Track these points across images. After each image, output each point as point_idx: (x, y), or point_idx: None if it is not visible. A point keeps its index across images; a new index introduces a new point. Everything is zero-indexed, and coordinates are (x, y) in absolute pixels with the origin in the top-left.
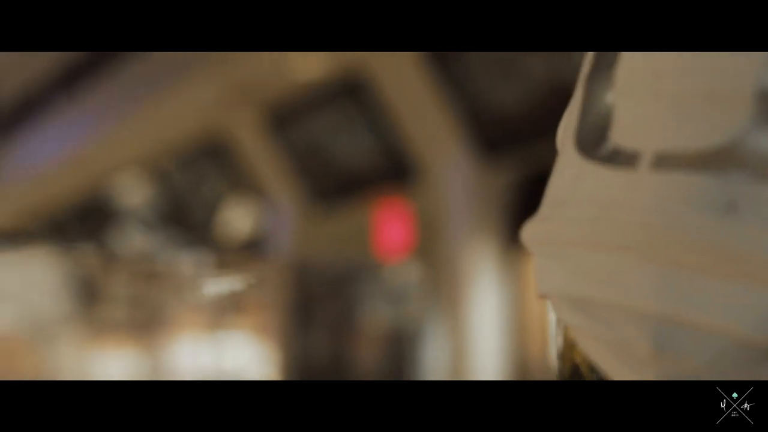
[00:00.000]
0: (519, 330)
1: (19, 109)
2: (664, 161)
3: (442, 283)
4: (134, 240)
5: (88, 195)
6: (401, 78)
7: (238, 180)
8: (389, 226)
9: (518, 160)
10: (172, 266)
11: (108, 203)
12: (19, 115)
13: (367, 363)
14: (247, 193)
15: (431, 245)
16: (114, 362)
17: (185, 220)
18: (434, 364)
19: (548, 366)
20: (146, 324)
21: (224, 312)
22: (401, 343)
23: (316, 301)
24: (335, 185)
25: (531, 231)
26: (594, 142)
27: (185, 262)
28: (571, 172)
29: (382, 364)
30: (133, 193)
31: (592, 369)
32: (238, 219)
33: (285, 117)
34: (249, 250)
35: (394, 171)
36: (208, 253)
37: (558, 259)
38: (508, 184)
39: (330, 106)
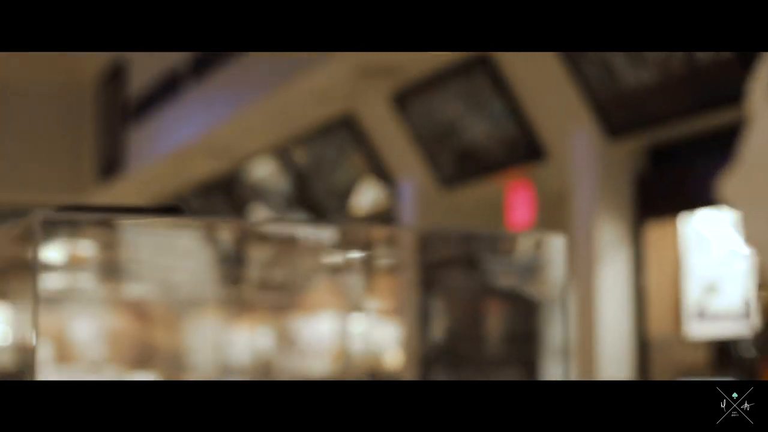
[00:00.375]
0: (644, 304)
1: (156, 93)
2: None
3: (569, 258)
4: (268, 218)
5: (222, 174)
6: (529, 56)
7: (368, 158)
8: (516, 203)
9: (644, 139)
10: (305, 244)
11: (241, 183)
12: (157, 100)
13: (494, 336)
14: (377, 171)
15: (558, 222)
16: (250, 337)
17: (316, 198)
18: (561, 337)
19: (676, 337)
20: (280, 300)
21: (355, 288)
22: (529, 316)
23: (445, 275)
24: (462, 163)
25: (733, 185)
26: None
27: (317, 239)
28: None
29: (510, 338)
30: (266, 172)
31: None
32: (367, 197)
33: (413, 96)
34: (378, 228)
35: (522, 149)
36: (338, 230)
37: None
38: (634, 163)
39: (458, 85)
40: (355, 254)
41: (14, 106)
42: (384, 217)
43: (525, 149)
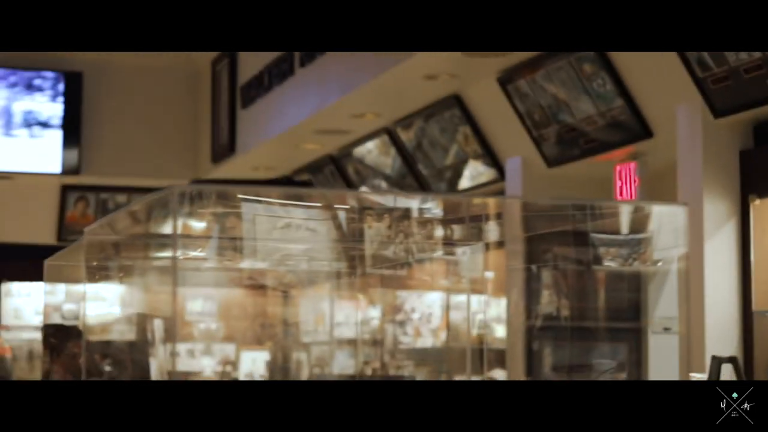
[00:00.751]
0: (750, 277)
1: (268, 76)
2: None
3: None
4: (376, 195)
5: (331, 156)
6: None
7: (475, 137)
8: (623, 181)
9: (748, 116)
10: (417, 219)
11: (350, 163)
12: (268, 83)
13: (601, 308)
14: (484, 151)
15: (664, 199)
16: (363, 311)
17: (424, 177)
18: (668, 313)
19: None
20: (393, 274)
21: (464, 262)
22: (636, 289)
23: (553, 247)
24: (569, 141)
25: None
26: None
27: (428, 214)
28: None
29: (617, 309)
30: (374, 152)
31: None
32: (474, 176)
33: (520, 75)
34: (486, 206)
35: (628, 127)
36: (448, 203)
37: None
38: (739, 139)
39: (565, 64)
40: (464, 228)
41: (135, 93)
42: (493, 194)
43: (631, 127)
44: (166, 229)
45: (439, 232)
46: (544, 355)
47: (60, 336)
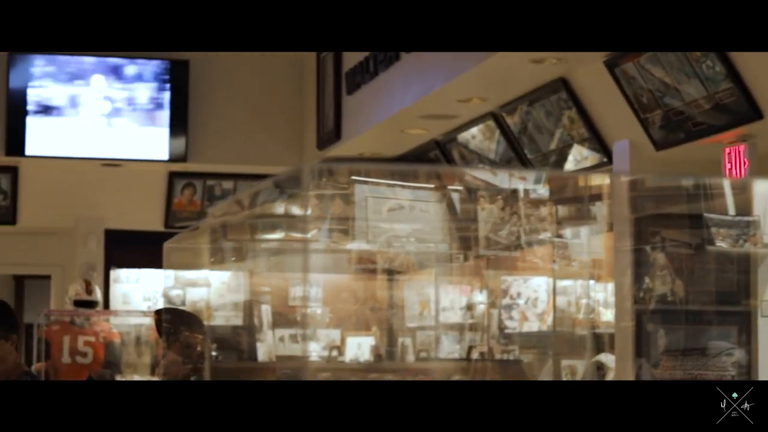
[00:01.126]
0: None
1: (373, 63)
2: None
3: None
4: (489, 174)
5: (435, 141)
6: None
7: (582, 121)
8: (733, 164)
9: None
10: (524, 201)
11: (455, 148)
12: (374, 69)
13: (710, 291)
14: (590, 135)
15: None
16: (469, 294)
17: (530, 162)
18: None
19: None
20: (502, 256)
21: (573, 248)
22: (746, 273)
23: (661, 234)
24: (677, 125)
25: None
26: None
27: (535, 195)
28: None
29: (726, 295)
30: (479, 137)
31: None
32: (581, 160)
33: (628, 58)
34: (591, 191)
35: (737, 109)
36: (555, 184)
37: None
38: None
39: None
40: (579, 208)
41: (240, 80)
42: (598, 175)
43: (740, 109)
44: (293, 209)
45: (552, 212)
46: (657, 337)
47: (174, 321)
